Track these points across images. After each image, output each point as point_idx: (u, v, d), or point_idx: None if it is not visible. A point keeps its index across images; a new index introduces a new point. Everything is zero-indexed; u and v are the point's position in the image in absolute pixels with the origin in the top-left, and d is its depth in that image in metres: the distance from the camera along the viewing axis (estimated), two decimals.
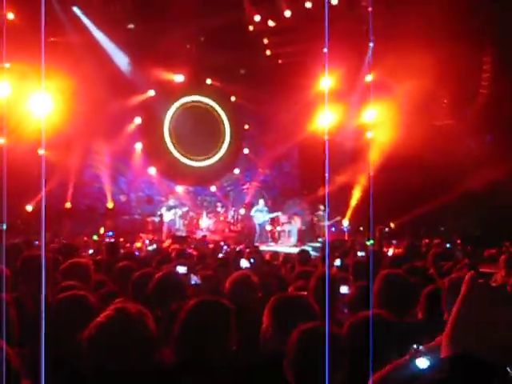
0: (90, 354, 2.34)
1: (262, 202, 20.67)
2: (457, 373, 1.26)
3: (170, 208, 20.18)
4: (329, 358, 2.08)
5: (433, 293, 3.69)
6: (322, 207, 19.91)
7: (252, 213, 20.58)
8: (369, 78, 19.46)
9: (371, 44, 19.55)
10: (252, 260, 7.50)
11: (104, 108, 18.93)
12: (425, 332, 2.05)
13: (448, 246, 14.41)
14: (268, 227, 20.45)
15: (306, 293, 4.29)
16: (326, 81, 18.25)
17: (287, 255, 10.88)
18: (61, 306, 3.36)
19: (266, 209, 20.54)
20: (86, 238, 14.96)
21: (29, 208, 17.47)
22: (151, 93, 21.19)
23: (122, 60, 19.93)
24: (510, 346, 1.30)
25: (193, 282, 5.02)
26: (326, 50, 17.97)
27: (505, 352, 1.29)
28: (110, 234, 17.55)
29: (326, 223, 19.51)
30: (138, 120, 21.30)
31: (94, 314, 2.57)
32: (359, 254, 9.40)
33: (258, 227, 20.27)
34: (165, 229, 19.79)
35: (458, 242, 15.72)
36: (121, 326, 2.37)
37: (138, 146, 21.53)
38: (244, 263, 7.01)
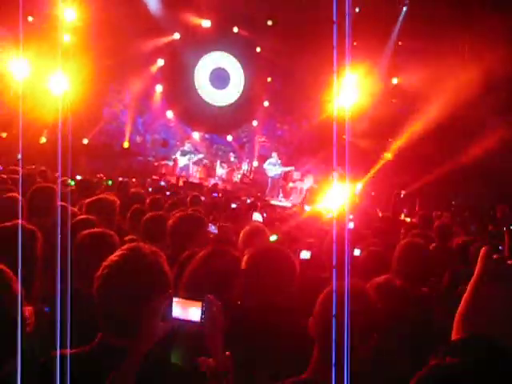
0: (100, 293, 2.30)
1: (275, 155, 20.60)
2: (469, 357, 1.19)
3: (185, 153, 20.15)
4: (348, 317, 2.05)
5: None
6: (339, 168, 19.74)
7: (265, 165, 20.55)
8: (398, 43, 19.18)
9: (404, 8, 19.19)
10: (265, 214, 7.49)
11: (127, 46, 18.76)
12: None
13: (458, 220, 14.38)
14: (280, 182, 20.42)
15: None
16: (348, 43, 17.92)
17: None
18: (85, 241, 3.37)
19: (279, 162, 20.48)
20: (101, 175, 14.97)
21: (43, 140, 17.51)
22: (176, 36, 20.93)
23: None
24: None
25: (211, 230, 5.02)
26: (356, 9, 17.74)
27: None
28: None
29: (336, 185, 19.41)
30: (160, 62, 21.10)
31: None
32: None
33: (269, 180, 20.26)
34: (177, 173, 19.83)
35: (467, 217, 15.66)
36: (135, 266, 2.30)
37: (159, 88, 21.37)
38: (257, 217, 7.00)
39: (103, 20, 18.01)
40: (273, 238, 4.83)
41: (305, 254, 4.54)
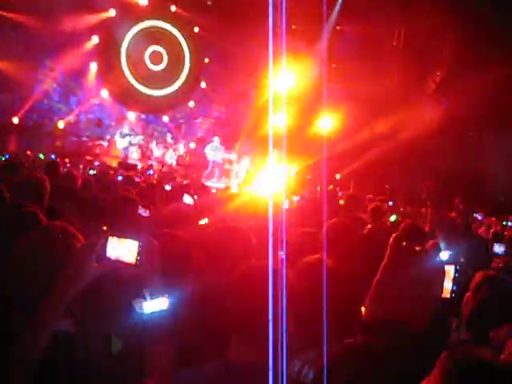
0: (12, 276, 2.26)
1: (217, 139, 20.61)
2: (375, 336, 1.28)
3: (123, 135, 19.90)
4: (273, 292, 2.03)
5: None
6: (276, 151, 19.84)
7: (206, 149, 20.53)
8: (336, 28, 19.32)
9: None
10: (195, 196, 7.40)
11: (60, 22, 18.22)
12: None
13: (390, 203, 14.70)
14: (218, 165, 20.44)
15: None
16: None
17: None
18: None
19: (220, 147, 20.51)
20: (28, 153, 14.52)
21: None
22: (112, 12, 20.39)
23: None
24: (426, 306, 1.34)
25: (141, 213, 4.91)
26: None
27: (421, 312, 1.32)
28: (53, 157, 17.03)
29: (272, 168, 19.54)
30: (95, 39, 20.54)
31: None
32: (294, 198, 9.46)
33: (210, 164, 20.26)
34: (120, 155, 19.59)
35: (400, 201, 16.05)
36: (42, 244, 2.29)
37: (93, 66, 20.83)
38: (187, 199, 6.89)
39: None
40: (203, 221, 4.76)
41: None
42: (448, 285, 2.05)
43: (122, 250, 2.08)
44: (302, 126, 19.60)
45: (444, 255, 3.85)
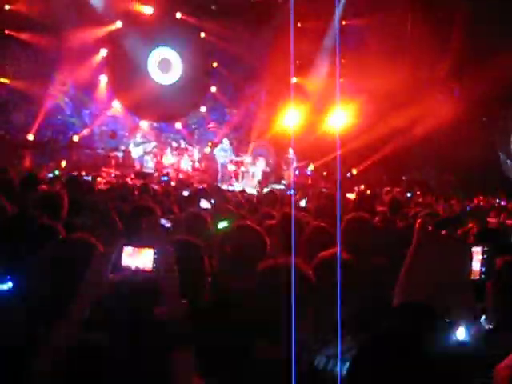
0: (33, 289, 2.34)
1: (226, 141, 20.62)
2: (405, 320, 1.28)
3: (137, 144, 19.98)
4: (295, 294, 2.04)
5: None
6: (290, 150, 19.87)
7: (215, 151, 20.55)
8: (342, 23, 19.26)
9: None
10: (213, 201, 7.38)
11: (69, 37, 18.37)
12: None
13: (409, 195, 14.66)
14: (232, 167, 20.38)
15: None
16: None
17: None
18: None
19: (229, 148, 20.51)
20: (45, 172, 14.61)
21: None
22: (119, 24, 20.49)
23: None
24: (456, 292, 1.32)
25: (165, 225, 4.82)
26: None
27: (451, 298, 1.32)
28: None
29: (294, 165, 19.57)
30: (103, 52, 20.65)
31: None
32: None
33: (220, 166, 20.26)
34: (137, 165, 19.69)
35: (418, 192, 16.00)
36: (68, 253, 2.40)
37: (103, 78, 20.95)
38: (204, 204, 6.87)
39: (43, 12, 17.63)
40: (222, 224, 4.69)
41: None
42: (477, 266, 2.05)
43: (139, 258, 2.11)
44: (315, 124, 19.60)
45: None
